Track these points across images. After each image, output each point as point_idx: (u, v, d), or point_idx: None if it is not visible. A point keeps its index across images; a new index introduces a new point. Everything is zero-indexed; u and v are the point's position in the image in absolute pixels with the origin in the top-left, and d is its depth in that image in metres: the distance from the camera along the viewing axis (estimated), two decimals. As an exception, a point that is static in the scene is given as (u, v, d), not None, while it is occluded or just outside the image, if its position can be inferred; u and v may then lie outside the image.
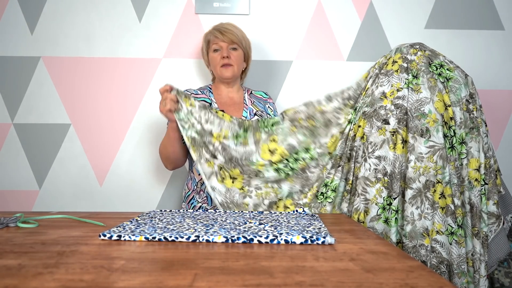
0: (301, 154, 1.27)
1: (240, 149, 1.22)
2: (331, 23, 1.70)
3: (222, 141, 1.21)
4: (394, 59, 1.28)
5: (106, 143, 1.67)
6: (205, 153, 1.21)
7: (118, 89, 1.68)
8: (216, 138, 1.22)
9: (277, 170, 1.25)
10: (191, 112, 1.22)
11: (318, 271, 0.53)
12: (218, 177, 1.20)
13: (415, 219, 1.13)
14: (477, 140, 1.19)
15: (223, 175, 1.21)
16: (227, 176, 1.21)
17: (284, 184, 1.25)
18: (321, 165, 1.27)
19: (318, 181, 1.26)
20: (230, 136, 1.23)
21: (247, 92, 1.50)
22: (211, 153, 1.21)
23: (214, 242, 0.71)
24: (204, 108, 1.24)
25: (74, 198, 1.67)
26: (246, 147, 1.23)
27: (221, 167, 1.21)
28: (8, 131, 1.67)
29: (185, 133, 1.21)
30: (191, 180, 1.38)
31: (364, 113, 1.26)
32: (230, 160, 1.22)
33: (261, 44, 1.69)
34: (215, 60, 1.42)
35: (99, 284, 0.47)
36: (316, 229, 0.78)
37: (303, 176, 1.26)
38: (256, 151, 1.23)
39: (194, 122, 1.22)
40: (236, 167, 1.22)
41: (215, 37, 1.41)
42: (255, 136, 1.25)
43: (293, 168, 1.26)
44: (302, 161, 1.27)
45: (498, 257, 1.22)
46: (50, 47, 1.67)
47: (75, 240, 0.72)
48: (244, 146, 1.23)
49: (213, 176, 1.20)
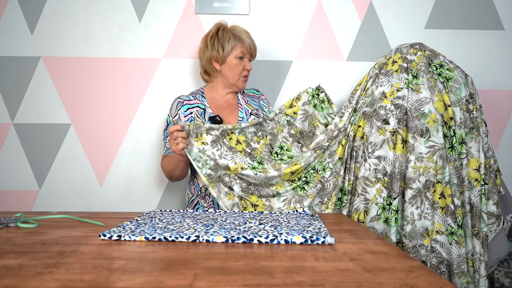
0: (316, 166, 1.27)
1: (261, 175, 1.21)
2: (331, 23, 1.70)
3: (240, 171, 1.20)
4: (394, 59, 1.28)
5: (106, 143, 1.67)
6: (223, 186, 1.21)
7: (118, 89, 1.68)
8: (232, 171, 1.21)
9: (294, 188, 1.25)
10: (203, 150, 1.21)
11: (318, 271, 0.53)
12: (240, 207, 1.20)
13: (415, 219, 1.13)
14: (477, 140, 1.19)
15: (244, 204, 1.21)
16: (248, 205, 1.21)
17: (305, 201, 1.24)
18: (334, 173, 1.27)
19: (335, 190, 1.26)
20: (247, 168, 1.22)
21: (240, 92, 1.49)
22: (228, 185, 1.21)
23: (214, 242, 0.71)
24: (217, 141, 1.22)
25: (74, 198, 1.67)
26: (268, 174, 1.21)
27: (241, 197, 1.21)
28: (8, 131, 1.67)
29: (201, 172, 1.20)
30: (194, 185, 1.37)
31: (364, 113, 1.26)
32: (248, 186, 1.22)
33: (261, 44, 1.69)
34: (237, 68, 1.39)
35: (99, 284, 0.47)
36: (316, 229, 0.78)
37: (320, 187, 1.26)
38: (278, 176, 1.21)
39: (207, 159, 1.21)
40: (253, 193, 1.22)
41: (246, 47, 1.40)
42: (274, 166, 1.24)
43: (309, 181, 1.26)
44: (317, 174, 1.27)
45: (498, 257, 1.22)
46: (50, 47, 1.67)
47: (75, 240, 0.72)
48: (265, 174, 1.21)
49: (235, 208, 1.20)
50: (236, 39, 1.39)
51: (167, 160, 1.33)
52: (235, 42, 1.39)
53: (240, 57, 1.39)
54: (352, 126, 1.29)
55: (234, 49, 1.39)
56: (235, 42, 1.39)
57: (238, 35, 1.40)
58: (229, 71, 1.40)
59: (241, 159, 1.23)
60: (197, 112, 1.38)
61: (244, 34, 1.41)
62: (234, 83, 1.41)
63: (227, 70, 1.40)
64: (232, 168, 1.20)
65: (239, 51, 1.38)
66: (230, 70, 1.40)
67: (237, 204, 1.20)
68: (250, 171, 1.20)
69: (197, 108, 1.39)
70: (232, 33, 1.40)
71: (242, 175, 1.20)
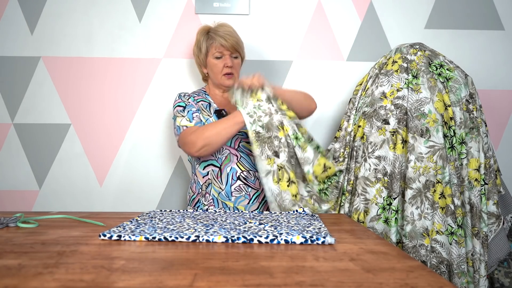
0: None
1: (299, 152, 1.18)
2: (331, 23, 1.70)
3: (289, 134, 1.17)
4: (394, 59, 1.28)
5: (106, 143, 1.67)
6: (267, 149, 1.17)
7: (118, 89, 1.68)
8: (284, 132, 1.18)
9: (320, 191, 1.22)
10: (259, 106, 1.19)
11: (318, 271, 0.53)
12: (274, 177, 1.15)
13: (415, 219, 1.13)
14: (477, 140, 1.19)
15: (280, 176, 1.16)
16: (284, 178, 1.16)
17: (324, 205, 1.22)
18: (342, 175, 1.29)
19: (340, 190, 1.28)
20: (291, 135, 1.19)
21: None
22: (274, 150, 1.17)
23: (214, 242, 0.71)
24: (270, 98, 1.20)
25: (74, 198, 1.67)
26: (304, 153, 1.17)
27: (281, 167, 1.16)
28: (8, 131, 1.67)
29: (250, 127, 1.17)
30: (195, 184, 1.37)
31: (364, 113, 1.26)
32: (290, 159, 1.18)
33: (261, 44, 1.69)
34: (217, 68, 1.38)
35: (99, 284, 0.47)
36: (316, 229, 0.78)
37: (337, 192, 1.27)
38: (312, 162, 1.17)
39: (261, 115, 1.18)
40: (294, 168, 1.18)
41: (220, 45, 1.36)
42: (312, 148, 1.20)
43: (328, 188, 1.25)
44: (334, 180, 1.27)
45: (498, 257, 1.23)
46: (50, 47, 1.67)
47: (75, 240, 0.72)
48: (303, 152, 1.18)
49: (270, 175, 1.15)
50: (210, 39, 1.38)
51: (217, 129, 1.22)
52: (209, 42, 1.38)
53: (217, 56, 1.38)
54: (353, 126, 1.29)
55: (210, 49, 1.39)
56: (209, 43, 1.38)
57: (212, 35, 1.38)
58: (211, 72, 1.41)
59: (289, 123, 1.20)
60: (202, 106, 1.38)
61: (220, 33, 1.37)
62: (218, 82, 1.41)
63: (210, 71, 1.42)
64: (285, 127, 1.18)
65: (214, 51, 1.37)
66: (212, 71, 1.41)
67: (273, 172, 1.15)
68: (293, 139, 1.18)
69: (202, 102, 1.39)
70: (208, 35, 1.39)
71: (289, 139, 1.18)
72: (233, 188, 1.29)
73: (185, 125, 1.29)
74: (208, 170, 1.32)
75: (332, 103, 1.69)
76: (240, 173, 1.30)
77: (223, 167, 1.30)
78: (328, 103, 1.69)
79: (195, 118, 1.31)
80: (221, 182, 1.30)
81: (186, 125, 1.29)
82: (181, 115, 1.32)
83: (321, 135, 1.69)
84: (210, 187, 1.31)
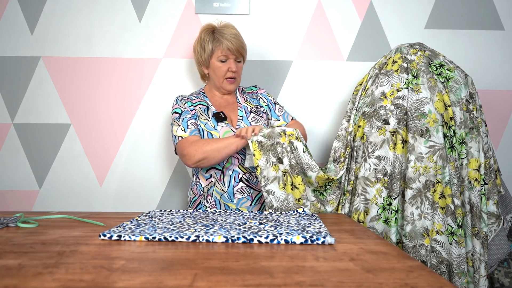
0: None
1: (306, 158, 1.21)
2: (331, 23, 1.70)
3: (292, 140, 1.21)
4: (394, 59, 1.28)
5: (106, 143, 1.67)
6: (271, 156, 1.19)
7: (118, 89, 1.68)
8: (288, 135, 1.21)
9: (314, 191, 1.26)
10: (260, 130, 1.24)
11: (318, 271, 0.53)
12: (280, 182, 1.18)
13: (415, 219, 1.13)
14: (477, 140, 1.19)
15: (285, 181, 1.19)
16: (289, 183, 1.19)
17: (327, 206, 1.27)
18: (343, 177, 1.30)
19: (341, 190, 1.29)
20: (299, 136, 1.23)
21: (239, 90, 1.49)
22: (278, 156, 1.19)
23: (214, 242, 0.71)
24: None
25: (74, 198, 1.67)
26: (311, 161, 1.21)
27: (285, 172, 1.19)
28: (8, 131, 1.67)
29: (252, 139, 1.20)
30: (196, 185, 1.37)
31: (364, 113, 1.26)
32: (296, 164, 1.21)
33: (261, 44, 1.69)
34: (220, 71, 1.37)
35: (99, 284, 0.47)
36: (316, 229, 0.78)
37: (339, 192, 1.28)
38: (318, 171, 1.20)
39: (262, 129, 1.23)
40: (299, 174, 1.21)
41: (226, 49, 1.34)
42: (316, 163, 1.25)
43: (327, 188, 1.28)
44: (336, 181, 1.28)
45: (498, 257, 1.22)
46: (50, 47, 1.67)
47: (75, 240, 0.72)
48: (310, 159, 1.21)
49: (276, 181, 1.18)
50: (216, 41, 1.35)
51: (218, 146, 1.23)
52: (215, 44, 1.35)
53: (222, 60, 1.36)
54: (353, 126, 1.29)
55: (215, 52, 1.36)
56: (214, 44, 1.35)
57: (218, 37, 1.35)
58: (213, 74, 1.39)
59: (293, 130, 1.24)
60: (200, 109, 1.37)
61: (227, 36, 1.35)
62: (219, 85, 1.39)
63: (212, 73, 1.40)
64: (288, 132, 1.21)
65: (220, 54, 1.35)
66: (214, 73, 1.39)
67: (279, 179, 1.18)
68: (300, 144, 1.21)
69: (200, 105, 1.38)
70: (214, 36, 1.36)
71: (293, 144, 1.20)
72: (236, 190, 1.29)
73: (180, 135, 1.30)
74: (211, 173, 1.32)
75: (332, 103, 1.69)
76: (242, 175, 1.30)
77: (225, 169, 1.30)
78: (328, 103, 1.69)
79: (190, 126, 1.31)
80: (224, 184, 1.30)
81: (181, 136, 1.29)
82: (176, 124, 1.32)
83: (321, 135, 1.69)
84: (212, 189, 1.31)
